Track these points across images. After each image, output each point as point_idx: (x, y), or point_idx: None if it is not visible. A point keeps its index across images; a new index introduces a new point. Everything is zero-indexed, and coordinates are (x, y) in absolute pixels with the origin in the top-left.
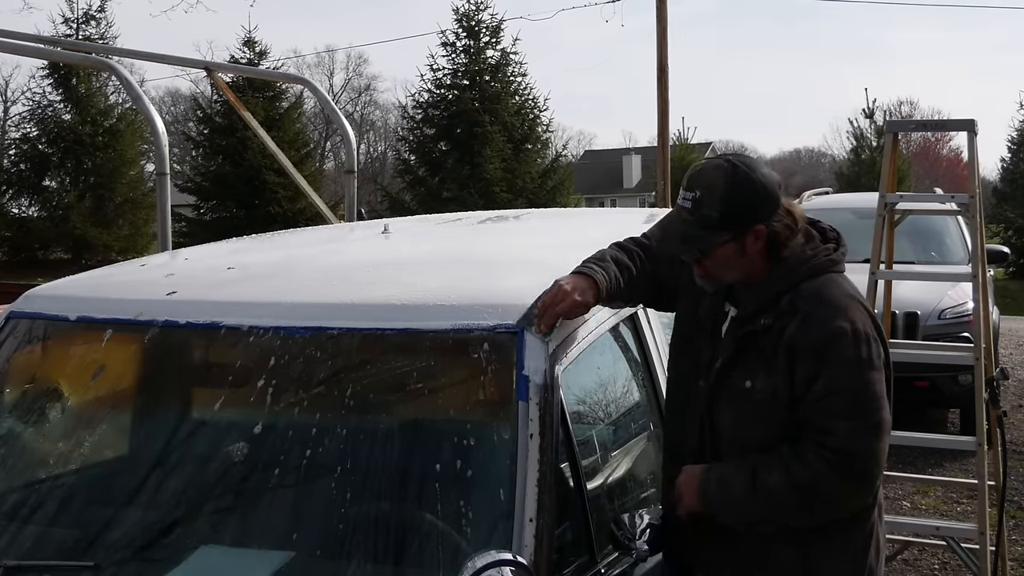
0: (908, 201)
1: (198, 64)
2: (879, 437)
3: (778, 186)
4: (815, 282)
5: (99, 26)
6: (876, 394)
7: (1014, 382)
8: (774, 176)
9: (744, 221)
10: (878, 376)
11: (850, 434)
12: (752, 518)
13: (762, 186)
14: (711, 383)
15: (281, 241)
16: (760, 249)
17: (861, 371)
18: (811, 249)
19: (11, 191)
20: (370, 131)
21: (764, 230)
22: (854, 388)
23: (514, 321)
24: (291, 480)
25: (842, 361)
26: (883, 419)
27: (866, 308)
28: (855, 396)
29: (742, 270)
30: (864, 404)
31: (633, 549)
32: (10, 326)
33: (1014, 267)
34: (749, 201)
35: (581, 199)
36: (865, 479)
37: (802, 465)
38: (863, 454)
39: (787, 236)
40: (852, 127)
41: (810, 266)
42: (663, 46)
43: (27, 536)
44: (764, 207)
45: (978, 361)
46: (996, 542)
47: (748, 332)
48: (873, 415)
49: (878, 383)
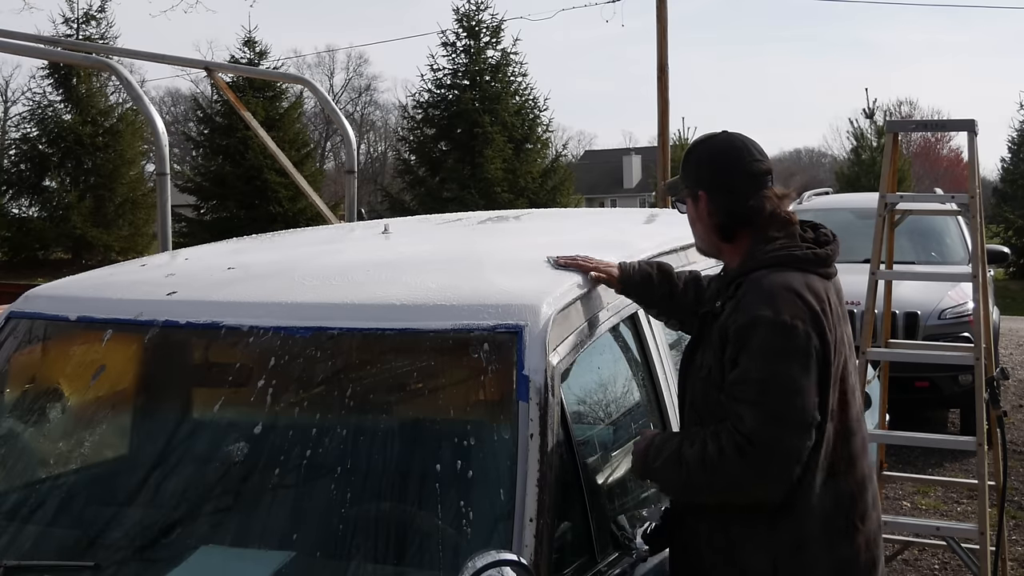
0: (908, 201)
1: (198, 64)
2: (785, 428)
3: (748, 172)
4: (765, 271)
5: (99, 26)
6: (785, 385)
7: (1014, 382)
8: (752, 162)
9: (691, 181)
10: (796, 369)
11: (755, 422)
12: (672, 488)
13: (719, 155)
14: (682, 361)
15: (281, 241)
16: (703, 218)
17: (775, 361)
18: (780, 243)
19: (11, 191)
20: (370, 131)
21: (704, 197)
22: (764, 377)
23: (514, 321)
24: (291, 480)
25: (758, 348)
26: (789, 411)
27: (804, 301)
28: (764, 385)
29: (699, 238)
30: (771, 394)
31: (633, 549)
32: (10, 326)
33: (1014, 267)
34: (700, 163)
35: (581, 199)
36: (766, 468)
37: (715, 444)
38: (766, 443)
39: (743, 221)
40: (852, 127)
41: (770, 256)
42: (663, 46)
43: (27, 536)
44: (710, 174)
45: (978, 361)
46: (996, 542)
47: (705, 313)
48: (779, 405)
49: (794, 376)
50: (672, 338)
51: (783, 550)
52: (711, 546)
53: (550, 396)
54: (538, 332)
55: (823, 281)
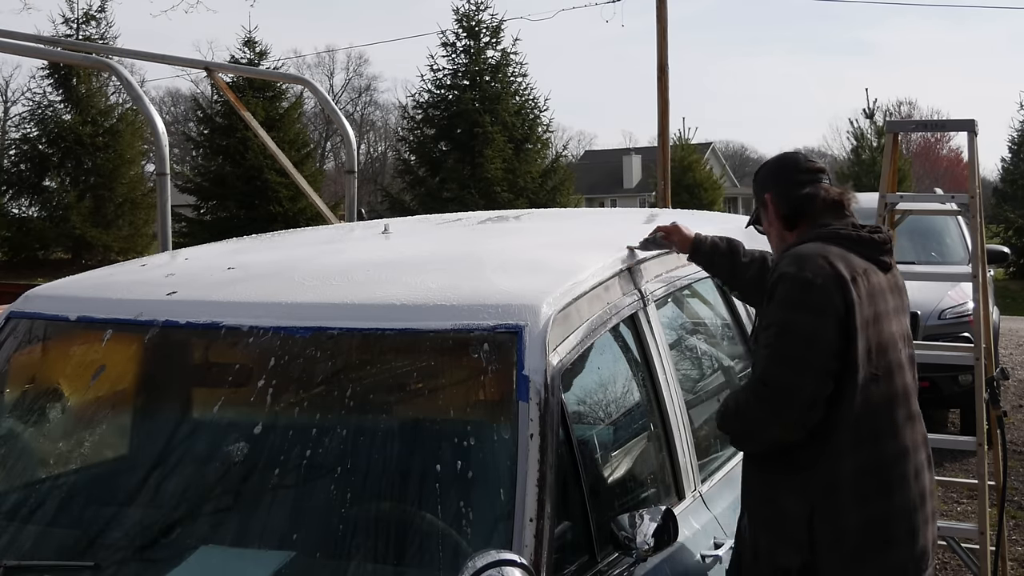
0: (908, 201)
1: (198, 64)
2: (794, 370)
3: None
4: (806, 244)
5: (99, 26)
6: (797, 332)
7: (1014, 382)
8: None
9: (759, 192)
10: (809, 318)
11: (767, 363)
12: (731, 440)
13: (774, 163)
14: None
15: (281, 241)
16: (772, 219)
17: (791, 310)
18: (824, 224)
19: (11, 191)
20: (370, 131)
21: (769, 198)
22: (780, 324)
23: (514, 321)
24: (291, 480)
25: (779, 299)
26: (799, 355)
27: (831, 264)
28: (779, 330)
29: (772, 241)
30: (784, 338)
31: (633, 549)
32: (10, 326)
33: (1014, 267)
34: (763, 174)
35: (581, 199)
36: (779, 409)
37: (744, 392)
38: (776, 384)
39: (801, 210)
40: (852, 127)
41: (814, 234)
42: (663, 46)
43: (27, 536)
44: (770, 179)
45: (978, 361)
46: (996, 542)
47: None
48: (789, 349)
49: (807, 323)
50: (672, 338)
51: (817, 496)
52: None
53: (550, 396)
54: (538, 332)
55: (867, 263)
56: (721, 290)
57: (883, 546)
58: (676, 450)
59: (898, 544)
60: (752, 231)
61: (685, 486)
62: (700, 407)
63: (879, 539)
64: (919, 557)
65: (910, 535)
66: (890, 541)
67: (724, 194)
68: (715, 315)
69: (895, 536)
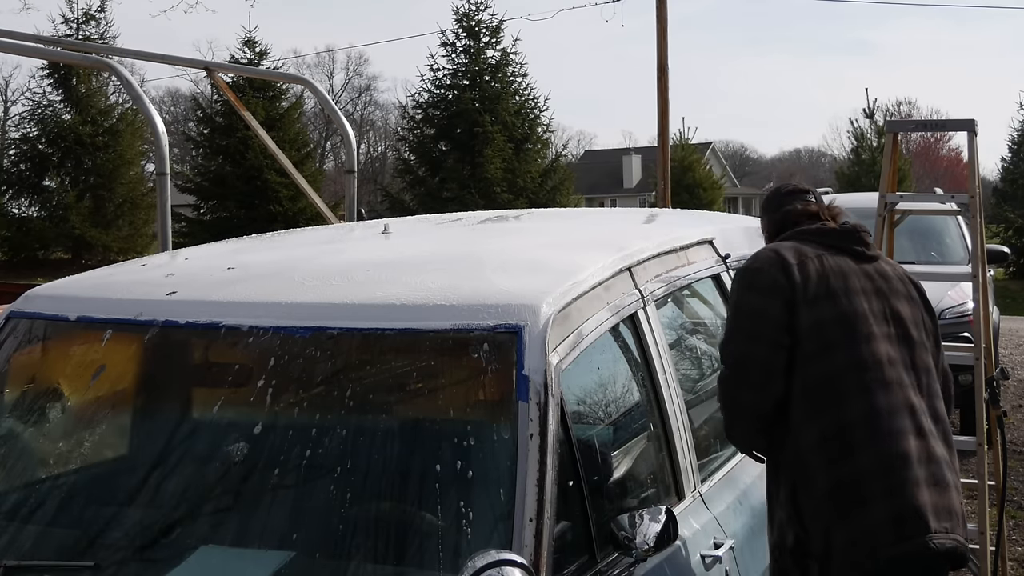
0: (908, 201)
1: (198, 64)
2: (745, 338)
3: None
4: None
5: (99, 26)
6: (745, 309)
7: (1014, 382)
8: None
9: (760, 220)
10: (755, 296)
11: (723, 342)
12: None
13: (766, 194)
14: None
15: (281, 241)
16: (767, 239)
17: (739, 293)
18: None
19: (11, 191)
20: (370, 131)
21: (764, 224)
22: (732, 306)
23: (514, 321)
24: (291, 480)
25: (731, 289)
26: (749, 327)
27: (779, 255)
28: (732, 312)
29: None
30: (734, 318)
31: (633, 549)
32: (10, 326)
33: (1014, 267)
34: (760, 205)
35: (581, 199)
36: (736, 377)
37: None
38: (731, 357)
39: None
40: (852, 127)
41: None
42: (663, 46)
43: (27, 536)
44: (762, 208)
45: (978, 361)
46: (996, 542)
47: None
48: (739, 322)
49: (751, 302)
50: (672, 338)
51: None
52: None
53: (550, 396)
54: (538, 332)
55: (823, 250)
56: (721, 290)
57: (858, 505)
58: (676, 450)
59: (874, 501)
60: (753, 230)
61: (685, 486)
62: (700, 407)
63: (852, 499)
64: (911, 515)
65: (888, 493)
66: (865, 500)
67: (724, 194)
68: (715, 315)
69: (871, 494)
